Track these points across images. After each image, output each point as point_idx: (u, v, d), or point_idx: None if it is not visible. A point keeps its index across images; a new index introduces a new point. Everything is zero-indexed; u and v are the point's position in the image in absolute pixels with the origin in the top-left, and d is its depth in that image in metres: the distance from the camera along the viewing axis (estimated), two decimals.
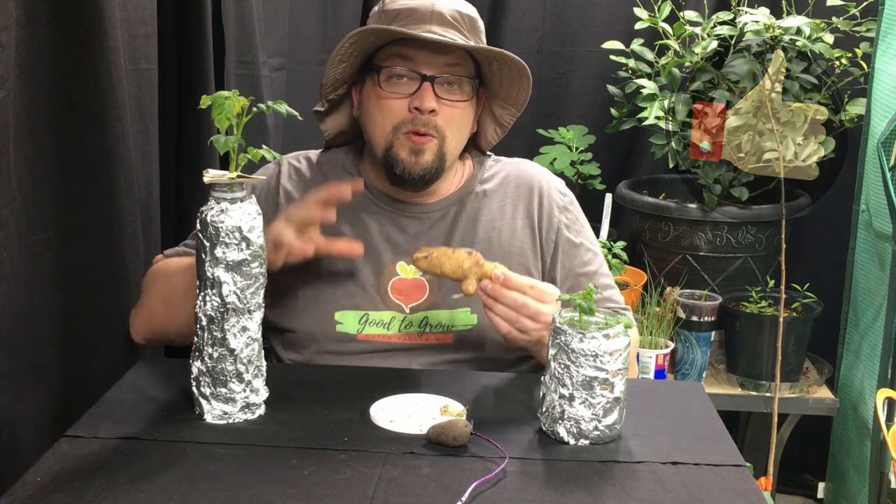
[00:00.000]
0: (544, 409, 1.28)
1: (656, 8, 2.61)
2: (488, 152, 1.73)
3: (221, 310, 1.26)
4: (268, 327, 1.65)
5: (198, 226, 1.26)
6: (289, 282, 1.56)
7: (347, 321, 1.56)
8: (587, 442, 1.25)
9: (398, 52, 1.55)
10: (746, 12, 2.39)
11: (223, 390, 1.28)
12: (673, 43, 2.59)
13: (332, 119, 1.67)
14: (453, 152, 1.60)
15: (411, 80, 1.55)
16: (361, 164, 1.68)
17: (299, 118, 1.35)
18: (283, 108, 1.32)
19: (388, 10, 1.58)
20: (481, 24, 1.64)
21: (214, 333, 1.27)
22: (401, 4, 1.57)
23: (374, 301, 1.58)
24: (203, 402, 1.29)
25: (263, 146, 1.31)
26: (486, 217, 1.64)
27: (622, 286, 2.50)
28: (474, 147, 1.72)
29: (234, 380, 1.28)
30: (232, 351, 1.27)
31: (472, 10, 1.62)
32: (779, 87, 2.37)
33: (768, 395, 2.38)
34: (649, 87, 2.55)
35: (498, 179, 1.68)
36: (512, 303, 1.40)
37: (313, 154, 1.71)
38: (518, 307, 1.40)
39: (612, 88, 2.79)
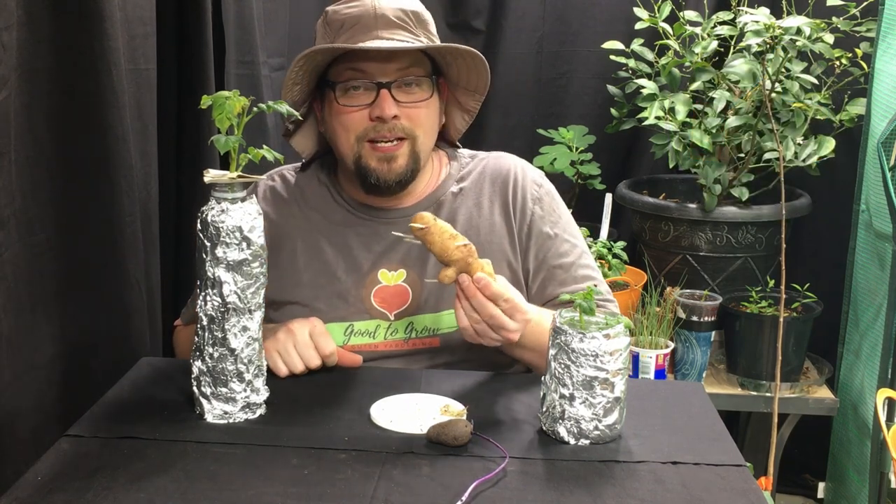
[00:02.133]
0: (544, 409, 1.28)
1: (656, 8, 2.61)
2: (459, 146, 1.71)
3: (222, 309, 1.26)
4: None
5: (198, 226, 1.26)
6: (273, 299, 1.55)
7: (333, 334, 1.54)
8: (587, 442, 1.25)
9: (349, 65, 1.54)
10: (746, 12, 2.39)
11: (224, 390, 1.28)
12: (673, 43, 2.59)
13: (300, 138, 1.66)
14: (426, 150, 1.59)
15: (368, 90, 1.53)
16: (336, 177, 1.67)
17: (299, 118, 1.35)
18: (284, 108, 1.32)
19: (332, 21, 1.57)
20: (427, 15, 1.61)
21: (215, 333, 1.27)
22: (344, 14, 1.55)
23: (358, 311, 1.57)
24: (203, 401, 1.29)
25: (263, 146, 1.31)
26: (463, 216, 1.62)
27: (622, 286, 2.50)
28: (443, 140, 1.70)
29: (234, 379, 1.28)
30: (233, 351, 1.27)
31: (416, 5, 1.59)
32: (779, 87, 2.37)
33: (768, 395, 2.38)
34: (649, 87, 2.54)
35: (474, 176, 1.67)
36: (481, 310, 1.37)
37: (287, 171, 1.69)
38: (486, 316, 1.38)
39: (612, 88, 2.79)
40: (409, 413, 1.32)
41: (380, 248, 1.60)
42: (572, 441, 1.25)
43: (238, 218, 1.25)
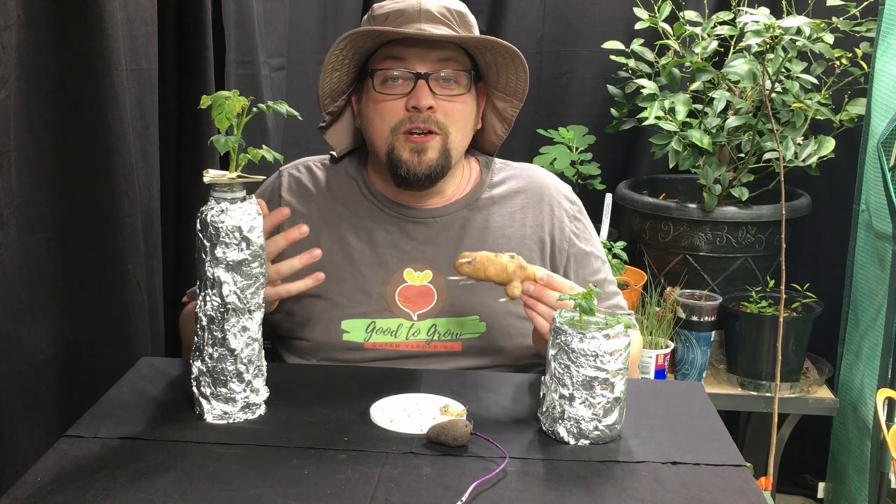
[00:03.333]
0: (544, 409, 1.28)
1: (656, 8, 2.61)
2: (495, 156, 1.72)
3: (222, 310, 1.26)
4: (273, 335, 1.65)
5: (198, 226, 1.26)
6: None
7: (354, 330, 1.55)
8: (587, 442, 1.25)
9: (390, 53, 1.55)
10: (746, 12, 2.39)
11: (223, 390, 1.28)
12: (673, 43, 2.59)
13: (335, 132, 1.66)
14: (458, 148, 1.59)
15: (406, 80, 1.54)
16: (366, 171, 1.67)
17: (299, 118, 1.35)
18: (283, 108, 1.32)
19: (376, 15, 1.58)
20: (472, 18, 1.62)
21: (215, 333, 1.27)
22: (389, 7, 1.57)
23: (381, 308, 1.57)
24: (203, 401, 1.29)
25: (263, 146, 1.30)
26: (495, 224, 1.63)
27: (622, 286, 2.50)
28: (480, 149, 1.71)
29: (234, 380, 1.28)
30: (232, 351, 1.27)
31: (460, 6, 1.61)
32: (779, 87, 2.37)
33: (768, 395, 2.38)
34: (649, 87, 2.55)
35: (507, 186, 1.67)
36: (555, 303, 1.40)
37: (314, 162, 1.69)
38: (559, 306, 1.39)
39: (612, 88, 2.79)
40: (409, 413, 1.32)
41: (407, 247, 1.60)
42: (572, 441, 1.25)
43: (237, 218, 1.25)
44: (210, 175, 1.25)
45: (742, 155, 2.53)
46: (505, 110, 1.66)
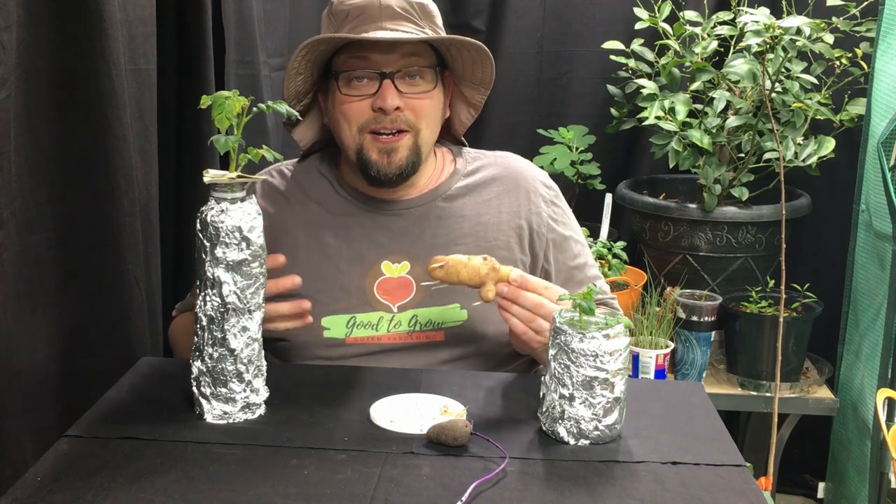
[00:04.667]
0: (544, 409, 1.28)
1: (656, 8, 2.61)
2: (465, 143, 1.71)
3: (221, 310, 1.26)
4: None
5: (197, 226, 1.26)
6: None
7: (335, 326, 1.55)
8: (587, 442, 1.25)
9: (353, 54, 1.53)
10: (746, 12, 2.39)
11: (223, 390, 1.28)
12: (673, 43, 2.59)
13: (302, 129, 1.66)
14: (429, 143, 1.59)
15: (371, 80, 1.53)
16: (338, 168, 1.67)
17: (299, 118, 1.35)
18: (283, 108, 1.32)
19: (337, 11, 1.56)
20: (433, 7, 1.61)
21: (214, 333, 1.27)
22: (349, 4, 1.55)
23: (361, 303, 1.57)
24: (203, 401, 1.29)
25: (263, 146, 1.31)
26: (470, 212, 1.63)
27: (622, 286, 2.50)
28: (448, 134, 1.70)
29: (234, 380, 1.28)
30: (232, 351, 1.27)
31: None
32: (779, 87, 2.37)
33: (768, 395, 2.38)
34: (649, 87, 2.55)
35: (482, 174, 1.67)
36: (530, 304, 1.40)
37: (285, 166, 1.69)
38: (535, 307, 1.40)
39: (612, 88, 2.79)
40: (409, 413, 1.32)
41: (383, 240, 1.60)
42: (572, 441, 1.25)
43: (237, 218, 1.25)
44: (210, 175, 1.25)
45: (742, 155, 2.53)
46: (473, 97, 1.65)
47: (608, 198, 2.67)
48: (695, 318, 2.41)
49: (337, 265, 1.58)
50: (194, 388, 1.30)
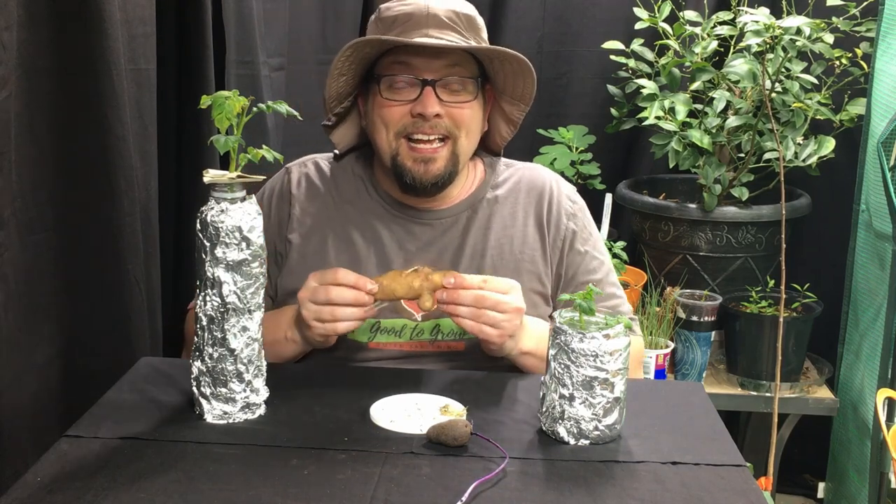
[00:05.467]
0: (544, 409, 1.28)
1: (656, 8, 2.61)
2: (500, 156, 1.72)
3: (221, 310, 1.26)
4: None
5: (198, 226, 1.26)
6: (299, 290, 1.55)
7: (358, 329, 1.54)
8: (587, 442, 1.25)
9: (397, 59, 1.54)
10: (746, 12, 2.39)
11: (223, 390, 1.28)
12: (673, 43, 2.59)
13: (341, 131, 1.66)
14: (466, 153, 1.59)
15: (413, 86, 1.53)
16: (372, 170, 1.66)
17: (299, 118, 1.35)
18: (283, 108, 1.32)
19: (384, 17, 1.57)
20: (480, 21, 1.62)
21: (215, 333, 1.27)
22: (396, 11, 1.56)
23: (386, 308, 1.56)
24: (203, 401, 1.29)
25: (263, 146, 1.31)
26: (497, 224, 1.63)
27: (622, 286, 2.50)
28: (485, 149, 1.71)
29: (234, 380, 1.28)
30: (232, 351, 1.27)
31: (469, 9, 1.60)
32: (779, 87, 2.37)
33: (768, 395, 2.38)
34: (649, 87, 2.55)
35: (509, 185, 1.67)
36: (470, 300, 1.40)
37: (321, 159, 1.69)
38: (477, 301, 1.40)
39: (612, 88, 2.79)
40: (409, 413, 1.32)
41: (412, 248, 1.60)
42: (572, 441, 1.25)
43: (237, 218, 1.25)
44: (210, 175, 1.25)
45: (742, 155, 2.53)
46: (511, 113, 1.66)
47: (608, 198, 2.67)
48: (695, 318, 2.41)
49: (364, 268, 1.58)
50: (194, 388, 1.30)
